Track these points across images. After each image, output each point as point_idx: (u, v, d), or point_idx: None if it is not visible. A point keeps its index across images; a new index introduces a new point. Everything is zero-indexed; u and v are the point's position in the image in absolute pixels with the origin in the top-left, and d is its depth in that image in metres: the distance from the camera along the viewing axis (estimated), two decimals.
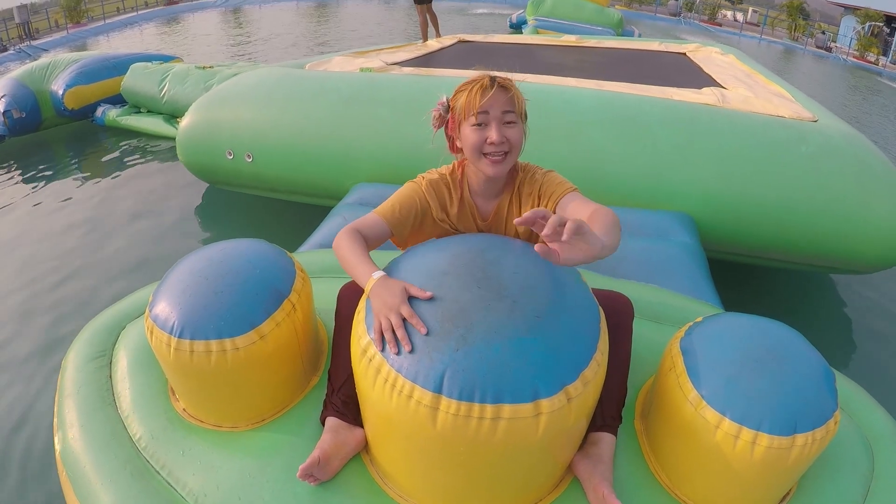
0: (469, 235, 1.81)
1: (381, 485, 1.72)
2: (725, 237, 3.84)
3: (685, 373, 1.66)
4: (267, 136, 4.28)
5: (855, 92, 17.65)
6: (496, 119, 1.74)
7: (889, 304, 4.63)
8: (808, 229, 3.73)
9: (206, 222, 4.96)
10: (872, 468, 1.89)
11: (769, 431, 1.51)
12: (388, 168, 4.05)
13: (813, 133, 3.99)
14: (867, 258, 3.83)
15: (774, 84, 5.77)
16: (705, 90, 4.99)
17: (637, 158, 3.84)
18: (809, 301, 4.59)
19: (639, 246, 3.20)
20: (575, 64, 6.57)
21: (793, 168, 3.74)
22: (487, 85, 1.73)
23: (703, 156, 3.81)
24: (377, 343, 1.50)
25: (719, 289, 3.09)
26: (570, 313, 1.56)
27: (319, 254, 2.78)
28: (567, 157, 3.81)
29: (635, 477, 1.77)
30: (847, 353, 3.98)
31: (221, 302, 1.73)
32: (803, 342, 1.73)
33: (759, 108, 4.54)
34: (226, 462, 1.77)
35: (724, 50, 7.81)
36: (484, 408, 1.38)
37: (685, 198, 3.76)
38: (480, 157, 1.79)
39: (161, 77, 6.72)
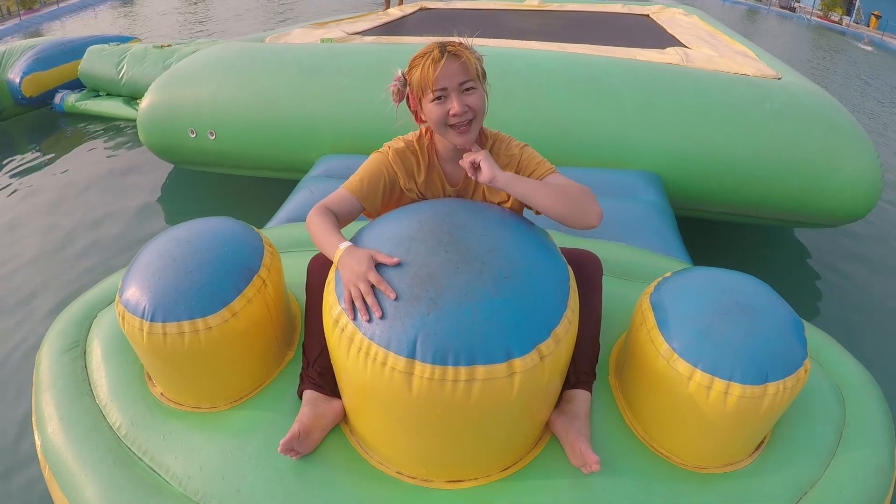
0: (435, 201, 1.81)
1: (361, 454, 1.74)
2: (692, 194, 3.87)
3: (656, 327, 1.68)
4: (228, 112, 4.22)
5: (819, 51, 17.80)
6: (454, 89, 1.72)
7: (854, 256, 4.71)
8: (773, 185, 3.78)
9: (172, 204, 4.90)
10: (844, 415, 1.94)
11: (741, 381, 1.54)
12: (353, 138, 4.02)
13: (777, 90, 4.02)
14: (833, 212, 3.90)
15: (738, 43, 5.80)
16: (669, 50, 5.00)
17: (602, 119, 3.85)
18: (777, 255, 4.65)
19: (606, 205, 3.11)
20: (538, 28, 6.55)
21: (757, 125, 3.77)
22: (437, 56, 1.71)
23: (667, 115, 3.83)
24: (348, 312, 1.50)
25: (688, 245, 3.12)
26: (539, 273, 1.57)
27: (288, 228, 2.77)
28: (532, 120, 3.81)
29: (612, 431, 1.80)
30: (815, 305, 4.05)
31: (191, 282, 1.72)
32: (771, 293, 1.76)
33: (723, 66, 4.56)
34: (207, 443, 1.77)
35: (688, 11, 7.82)
36: (458, 370, 1.39)
37: (651, 157, 3.79)
38: (447, 129, 1.78)
39: (119, 59, 6.58)
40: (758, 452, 1.80)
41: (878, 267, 4.60)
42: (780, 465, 1.77)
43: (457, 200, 1.83)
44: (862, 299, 4.15)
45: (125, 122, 6.48)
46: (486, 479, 1.69)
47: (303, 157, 4.13)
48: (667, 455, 1.76)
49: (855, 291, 4.23)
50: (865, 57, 18.08)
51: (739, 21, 23.03)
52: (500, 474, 1.70)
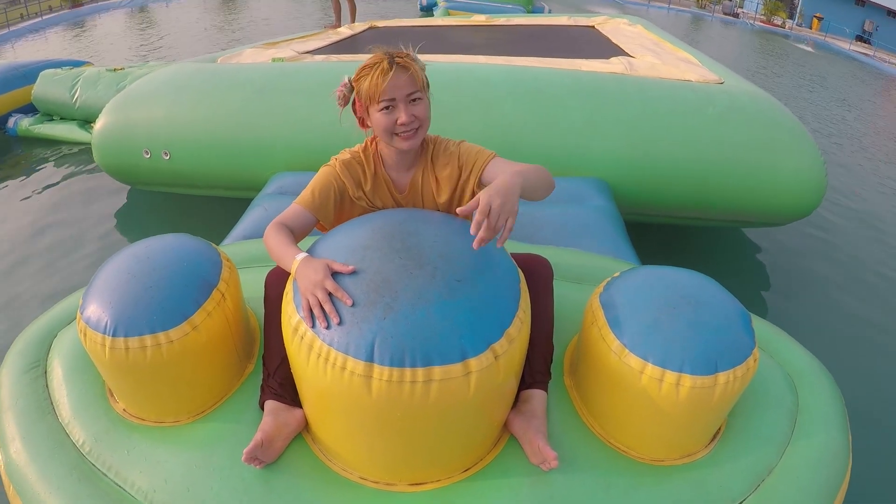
0: (386, 211, 1.86)
1: (325, 461, 1.76)
2: (640, 199, 3.95)
3: (606, 324, 1.73)
4: (182, 132, 4.20)
5: (763, 55, 18.20)
6: (402, 100, 1.79)
7: (801, 252, 4.87)
8: (719, 187, 3.87)
9: (129, 225, 4.85)
10: (797, 402, 2.01)
11: (691, 372, 1.60)
12: (305, 156, 4.03)
13: (719, 94, 4.13)
14: (779, 211, 4.01)
15: (681, 51, 5.92)
16: (613, 60, 5.08)
17: (549, 129, 3.91)
18: (726, 255, 4.78)
19: (556, 212, 3.27)
20: (485, 42, 6.61)
21: (701, 129, 3.87)
22: (387, 68, 1.76)
23: (613, 122, 3.90)
24: (307, 320, 1.53)
25: (639, 249, 3.19)
26: (490, 275, 1.62)
27: (244, 245, 2.79)
28: (481, 132, 3.84)
29: (569, 430, 1.85)
30: (766, 301, 4.17)
31: (152, 297, 1.73)
32: (717, 287, 1.83)
33: (666, 73, 4.67)
34: (171, 456, 1.77)
35: (632, 21, 7.95)
36: (415, 371, 1.43)
37: (598, 164, 3.85)
38: (392, 137, 1.84)
39: (72, 82, 6.47)
40: (714, 443, 1.85)
41: (825, 262, 4.76)
42: (737, 454, 1.82)
43: (407, 210, 1.89)
44: (809, 292, 4.29)
45: (80, 145, 6.39)
46: (447, 480, 1.72)
47: (257, 176, 4.12)
48: (624, 449, 1.81)
49: (802, 285, 4.37)
50: (808, 58, 18.55)
51: (684, 29, 23.44)
52: (462, 475, 1.73)
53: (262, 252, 2.61)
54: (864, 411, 2.95)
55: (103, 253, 4.30)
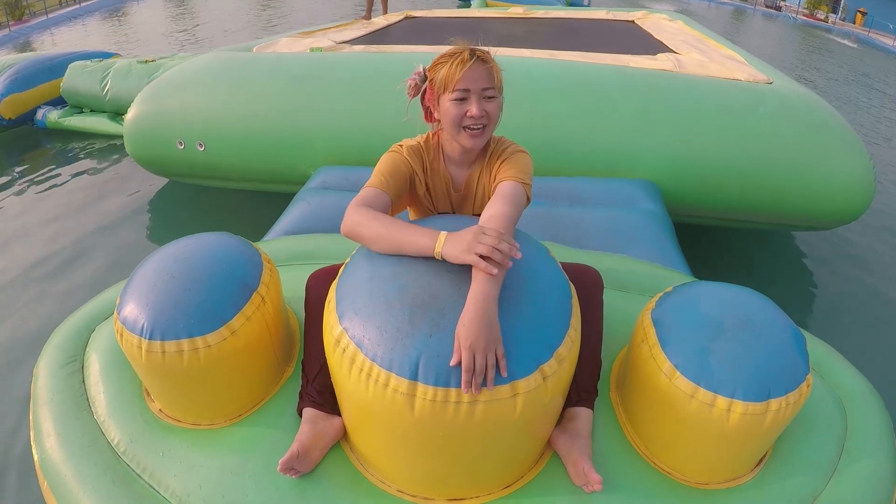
0: (436, 218, 1.80)
1: (362, 472, 1.73)
2: (690, 201, 3.88)
3: (658, 344, 1.68)
4: (217, 123, 4.16)
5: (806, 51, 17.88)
6: (476, 93, 1.74)
7: (849, 258, 4.74)
8: (769, 189, 3.79)
9: (165, 218, 4.87)
10: (846, 426, 1.95)
11: (743, 398, 1.55)
12: (346, 150, 3.98)
13: (769, 95, 4.04)
14: (827, 214, 3.91)
15: (725, 48, 5.81)
16: (660, 56, 4.99)
17: (598, 127, 3.83)
18: (773, 259, 4.67)
19: (604, 215, 3.21)
20: (525, 35, 6.51)
21: (752, 130, 3.79)
22: (467, 58, 1.72)
23: (663, 122, 3.82)
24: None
25: (686, 251, 3.13)
26: (541, 292, 1.57)
27: (286, 241, 2.75)
28: (527, 128, 3.78)
29: (614, 449, 1.80)
30: (815, 311, 4.06)
31: (189, 300, 1.71)
32: (773, 308, 1.77)
33: (715, 72, 4.57)
34: (206, 460, 1.76)
35: (672, 16, 7.84)
36: (461, 392, 1.39)
37: (648, 165, 3.78)
38: (459, 131, 1.79)
39: (102, 74, 6.49)
40: (760, 467, 1.80)
41: (872, 269, 4.63)
42: (783, 478, 1.77)
43: (459, 217, 1.83)
44: (859, 302, 4.16)
45: (110, 138, 6.42)
46: (487, 496, 1.69)
47: (294, 169, 4.09)
48: (668, 471, 1.76)
49: (851, 295, 4.25)
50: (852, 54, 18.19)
51: (726, 21, 23.15)
52: (502, 492, 1.70)
53: (304, 249, 2.60)
54: None
55: (138, 247, 4.32)
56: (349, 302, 1.56)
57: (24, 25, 17.60)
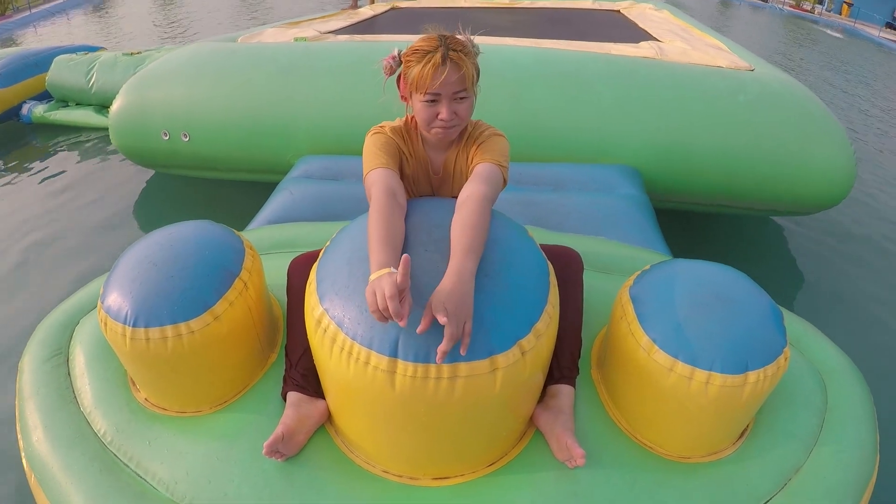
0: (413, 201, 1.81)
1: (347, 454, 1.74)
2: (670, 187, 3.90)
3: (636, 320, 1.70)
4: (202, 113, 4.16)
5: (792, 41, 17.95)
6: (447, 97, 1.73)
7: (830, 242, 4.77)
8: (750, 175, 3.82)
9: (151, 209, 4.85)
10: (826, 400, 1.98)
11: (721, 371, 1.57)
12: (330, 139, 3.98)
13: (750, 81, 4.06)
14: (807, 200, 3.95)
15: (709, 37, 5.83)
16: (643, 44, 5.00)
17: (579, 114, 3.85)
18: (755, 243, 4.70)
19: (585, 200, 3.23)
20: (511, 24, 6.51)
21: (733, 116, 3.82)
22: (439, 62, 1.69)
23: (645, 108, 3.85)
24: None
25: (667, 237, 3.15)
26: (518, 269, 1.59)
27: (269, 230, 2.76)
28: (509, 115, 3.79)
29: (596, 425, 1.82)
30: (794, 292, 4.10)
31: (173, 286, 1.71)
32: (749, 283, 1.79)
33: (697, 59, 4.58)
34: (193, 447, 1.77)
35: (657, 5, 7.85)
36: (440, 368, 1.40)
37: (629, 150, 3.81)
38: (430, 127, 1.80)
39: (88, 68, 6.45)
40: (741, 440, 1.82)
41: (853, 252, 4.67)
42: (764, 452, 1.79)
43: (435, 199, 1.85)
44: (839, 284, 4.20)
45: (97, 131, 6.38)
46: (472, 474, 1.70)
47: (279, 159, 4.09)
48: (650, 446, 1.78)
49: (832, 277, 4.28)
50: (837, 44, 18.27)
51: (712, 12, 23.16)
52: (486, 469, 1.71)
53: (287, 237, 2.60)
54: (893, 409, 2.89)
55: (123, 239, 4.30)
56: (330, 283, 1.57)
57: (6, 21, 17.41)
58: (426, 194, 1.99)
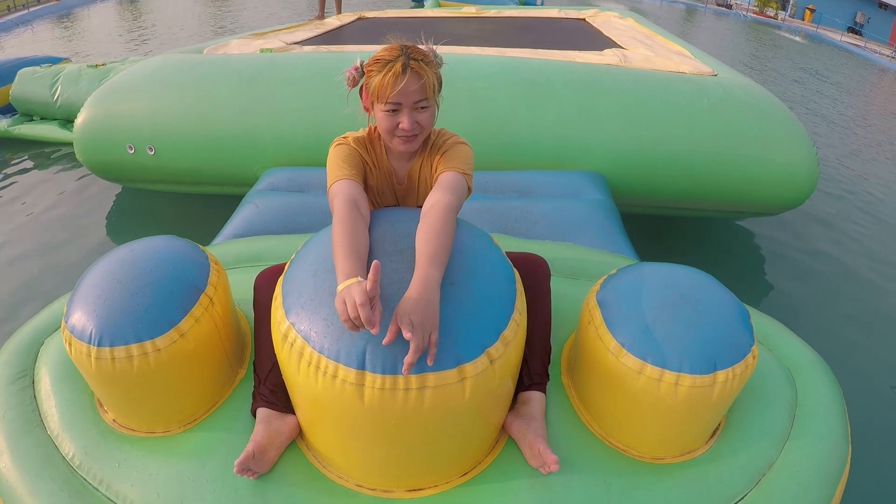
0: (378, 211, 1.81)
1: (319, 469, 1.73)
2: (636, 191, 3.93)
3: (603, 324, 1.71)
4: (167, 126, 4.10)
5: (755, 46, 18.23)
6: (408, 106, 1.73)
7: (795, 242, 4.87)
8: (714, 178, 3.87)
9: (119, 225, 4.78)
10: (796, 396, 2.00)
11: (690, 371, 1.58)
12: (295, 150, 3.95)
13: (713, 86, 4.11)
14: (772, 201, 4.02)
15: (673, 43, 5.89)
16: (607, 52, 5.05)
17: (544, 121, 3.87)
18: (721, 245, 4.77)
19: (552, 206, 3.24)
20: (476, 34, 6.53)
21: (696, 120, 3.86)
22: (399, 71, 1.69)
23: (609, 114, 3.87)
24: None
25: (635, 242, 3.17)
26: (484, 277, 1.59)
27: (235, 244, 2.74)
28: (473, 124, 3.79)
29: (568, 430, 1.82)
30: (763, 291, 4.17)
31: (137, 304, 1.68)
32: (715, 284, 1.81)
33: (660, 65, 4.64)
34: (163, 468, 1.74)
35: (623, 14, 7.93)
36: (408, 379, 1.40)
37: (594, 156, 3.82)
38: (392, 137, 1.79)
39: (52, 80, 6.35)
40: (714, 439, 1.84)
41: (817, 250, 4.78)
42: (737, 449, 1.81)
43: (400, 210, 1.84)
44: (804, 282, 4.29)
45: (62, 145, 6.28)
46: (445, 485, 1.69)
47: (245, 171, 4.05)
48: (623, 448, 1.79)
49: (797, 276, 4.36)
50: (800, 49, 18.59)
51: (678, 20, 23.47)
52: (460, 479, 1.70)
53: (253, 252, 2.58)
54: (862, 402, 2.94)
55: (91, 257, 4.23)
56: (295, 297, 1.56)
57: None
58: (390, 205, 1.99)
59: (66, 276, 4.03)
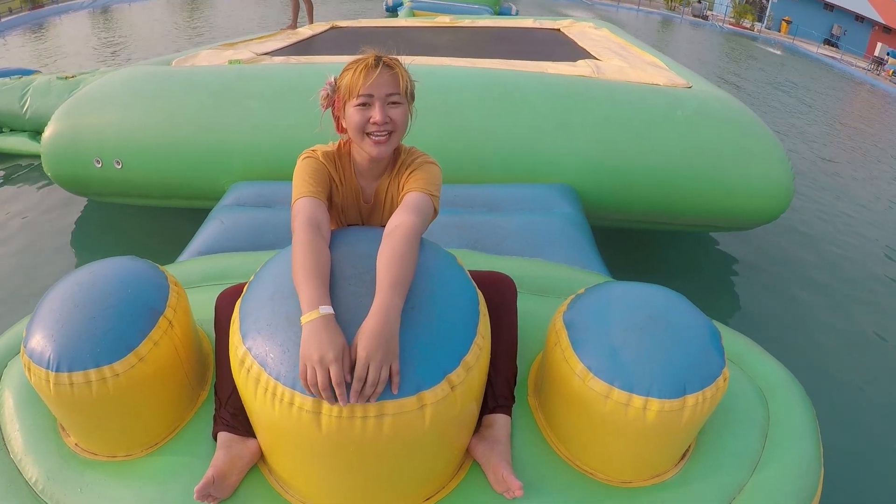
0: (339, 231, 1.78)
1: (282, 493, 1.70)
2: (609, 205, 3.92)
3: (570, 347, 1.69)
4: (134, 139, 4.05)
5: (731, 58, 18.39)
6: (380, 99, 1.72)
7: (769, 257, 4.89)
8: (688, 191, 3.86)
9: (86, 241, 4.71)
10: (768, 416, 1.98)
11: (658, 396, 1.56)
12: (264, 163, 3.91)
13: (687, 98, 4.12)
14: (747, 215, 4.01)
15: (648, 54, 5.91)
16: (580, 63, 5.06)
17: (515, 133, 3.85)
18: (695, 260, 4.78)
19: (522, 221, 3.22)
20: (449, 44, 6.52)
21: (670, 133, 3.86)
22: (372, 65, 1.70)
23: (581, 126, 3.86)
24: (306, 389, 1.38)
25: (607, 256, 3.15)
26: (446, 301, 1.56)
27: (199, 262, 2.69)
28: (444, 137, 3.77)
29: (535, 453, 1.80)
30: (736, 307, 4.17)
31: (95, 328, 1.66)
32: (686, 305, 1.79)
33: (634, 77, 4.65)
34: (125, 493, 1.71)
35: (598, 24, 7.96)
36: (366, 407, 1.37)
37: (566, 169, 3.81)
38: (364, 138, 1.76)
39: (21, 92, 6.26)
40: (683, 461, 1.82)
41: (792, 265, 4.79)
42: (707, 472, 1.79)
43: (361, 229, 1.82)
44: (779, 299, 4.29)
45: (32, 158, 6.19)
46: None
47: (213, 184, 4.00)
48: (591, 472, 1.77)
49: (772, 292, 4.37)
50: (776, 61, 18.78)
51: (654, 31, 23.62)
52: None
53: (217, 269, 2.55)
54: (836, 422, 2.94)
55: (58, 274, 4.14)
56: (252, 321, 1.53)
57: None
58: (355, 223, 1.97)
59: (34, 296, 3.96)
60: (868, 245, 5.41)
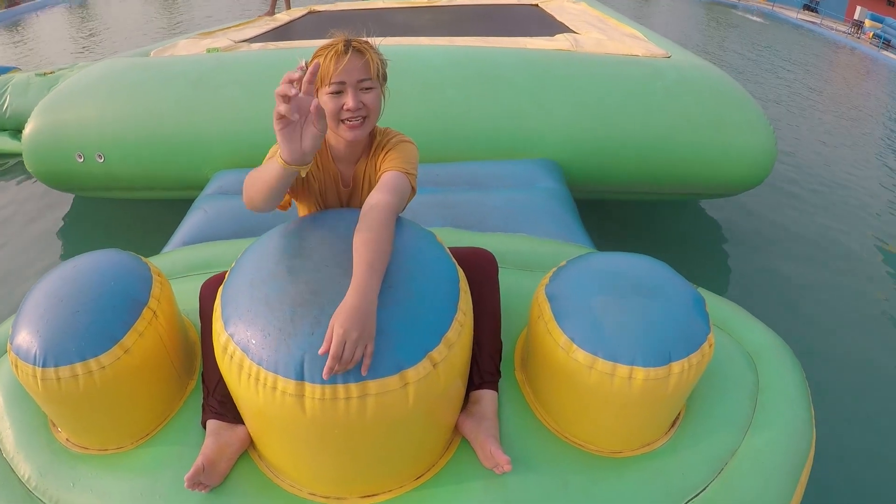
0: (319, 214, 1.78)
1: (272, 478, 1.71)
2: (592, 177, 3.92)
3: (553, 319, 1.69)
4: (115, 132, 4.02)
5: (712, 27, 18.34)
6: (352, 85, 1.70)
7: (754, 223, 4.91)
8: (670, 160, 3.87)
9: (70, 237, 4.70)
10: (758, 381, 1.98)
11: (643, 364, 1.56)
12: (246, 150, 3.89)
13: (667, 68, 4.12)
14: (731, 181, 4.03)
15: (626, 26, 5.88)
16: (558, 37, 5.03)
17: (495, 110, 3.84)
18: (680, 228, 4.79)
19: (504, 197, 3.22)
20: (427, 24, 6.47)
21: (650, 103, 3.86)
22: (342, 51, 1.68)
23: (561, 101, 3.86)
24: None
25: (590, 228, 3.16)
26: (425, 278, 1.56)
27: (184, 252, 2.68)
28: (424, 117, 3.77)
29: (523, 427, 1.81)
30: (723, 274, 4.18)
31: (79, 322, 1.66)
32: (669, 272, 1.79)
33: (613, 49, 4.63)
34: (117, 485, 1.72)
35: None
36: (349, 388, 1.37)
37: (547, 144, 3.81)
38: (339, 124, 1.74)
39: (0, 90, 6.25)
40: (673, 429, 1.82)
41: (775, 231, 4.82)
42: (698, 438, 1.79)
43: (340, 211, 1.81)
44: (764, 264, 4.31)
45: (12, 157, 6.16)
46: (399, 489, 1.68)
47: (196, 174, 3.98)
48: (580, 444, 1.77)
49: (758, 258, 4.39)
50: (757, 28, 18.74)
51: (634, 2, 23.50)
52: (414, 483, 1.69)
53: (201, 258, 2.55)
54: (826, 385, 2.95)
55: (44, 270, 4.14)
56: (233, 307, 1.53)
57: None
58: (335, 206, 1.96)
59: (19, 290, 3.95)
60: (854, 209, 5.43)
